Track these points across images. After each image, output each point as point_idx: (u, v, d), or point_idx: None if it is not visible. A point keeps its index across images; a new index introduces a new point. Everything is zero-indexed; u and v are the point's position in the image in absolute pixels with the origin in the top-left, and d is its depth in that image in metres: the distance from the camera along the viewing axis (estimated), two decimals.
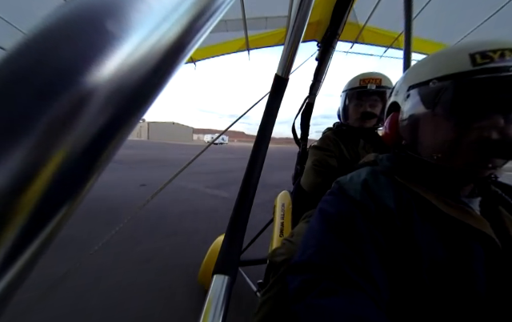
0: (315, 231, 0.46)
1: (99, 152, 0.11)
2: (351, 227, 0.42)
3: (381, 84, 0.92)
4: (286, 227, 1.03)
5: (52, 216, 0.10)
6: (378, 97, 0.94)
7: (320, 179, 0.93)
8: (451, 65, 0.39)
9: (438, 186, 0.44)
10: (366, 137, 0.99)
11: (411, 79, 0.47)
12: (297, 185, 1.14)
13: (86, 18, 0.10)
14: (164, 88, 0.13)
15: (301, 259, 0.43)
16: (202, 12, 0.13)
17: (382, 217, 0.42)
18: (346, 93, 1.01)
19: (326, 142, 1.03)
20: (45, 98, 0.09)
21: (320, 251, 0.42)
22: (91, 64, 0.09)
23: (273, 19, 1.97)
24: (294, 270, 0.44)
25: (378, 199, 0.44)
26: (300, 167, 1.28)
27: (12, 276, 0.09)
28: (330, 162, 0.96)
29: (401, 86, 0.51)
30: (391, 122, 0.53)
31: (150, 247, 2.16)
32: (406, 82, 0.49)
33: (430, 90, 0.42)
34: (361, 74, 0.98)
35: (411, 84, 0.47)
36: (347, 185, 0.49)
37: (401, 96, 0.50)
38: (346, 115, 1.03)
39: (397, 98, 0.52)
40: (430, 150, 0.44)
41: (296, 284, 0.40)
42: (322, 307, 0.35)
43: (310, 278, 0.39)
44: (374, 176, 0.49)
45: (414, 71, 0.48)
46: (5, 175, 0.08)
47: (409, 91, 0.47)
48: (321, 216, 0.47)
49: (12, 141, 0.08)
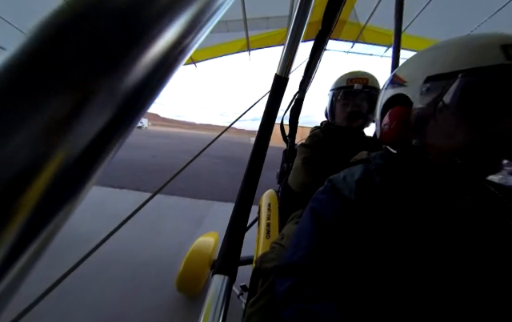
0: (307, 231, 0.44)
1: (99, 152, 0.11)
2: (345, 228, 0.41)
3: (367, 84, 0.91)
4: (273, 229, 0.99)
5: (52, 216, 0.10)
6: (365, 96, 0.93)
7: (311, 178, 0.91)
8: (480, 57, 0.34)
9: (441, 187, 0.42)
10: (354, 136, 0.97)
11: (429, 68, 0.40)
12: (284, 184, 1.10)
13: (85, 18, 0.10)
14: (164, 88, 0.13)
15: (291, 261, 0.42)
16: (202, 12, 0.13)
17: (376, 217, 0.41)
18: (333, 92, 0.99)
19: (315, 140, 1.01)
20: (45, 98, 0.09)
21: (312, 253, 0.40)
22: (91, 64, 0.09)
23: (274, 19, 1.97)
24: (284, 272, 0.42)
25: (372, 198, 0.43)
26: (287, 165, 1.24)
27: (12, 276, 0.09)
28: (320, 160, 0.94)
29: (411, 76, 0.44)
30: (394, 118, 0.46)
31: None
32: (420, 71, 0.42)
33: (458, 84, 0.36)
34: (348, 73, 0.97)
35: (430, 74, 0.39)
36: (341, 184, 0.47)
37: (413, 88, 0.42)
38: (333, 114, 1.02)
39: (405, 91, 0.44)
40: (449, 154, 0.38)
41: (284, 288, 0.39)
42: (311, 312, 0.33)
43: (299, 281, 0.38)
44: (368, 175, 0.47)
45: (430, 60, 0.41)
46: (5, 174, 0.08)
47: (428, 83, 0.40)
48: (313, 216, 0.45)
49: (12, 141, 0.08)
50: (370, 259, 0.39)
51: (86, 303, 1.39)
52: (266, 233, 0.97)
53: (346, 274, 0.38)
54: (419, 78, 0.41)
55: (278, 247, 0.71)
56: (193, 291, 1.41)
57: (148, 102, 0.12)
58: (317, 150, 0.97)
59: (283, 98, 0.59)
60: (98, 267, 1.61)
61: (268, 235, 0.96)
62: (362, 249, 0.39)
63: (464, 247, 0.38)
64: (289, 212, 0.98)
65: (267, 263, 0.63)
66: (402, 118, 0.44)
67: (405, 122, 0.44)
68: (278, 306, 0.38)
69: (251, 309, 0.56)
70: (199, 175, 5.08)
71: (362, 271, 0.39)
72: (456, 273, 0.36)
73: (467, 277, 0.36)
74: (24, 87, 0.08)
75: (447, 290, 0.36)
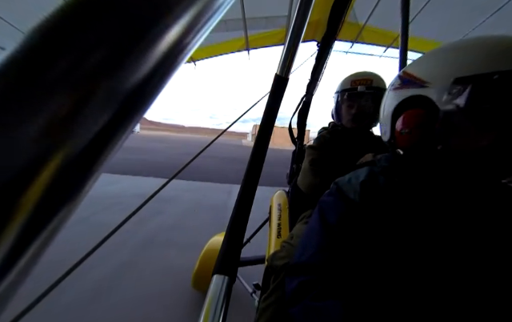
0: (315, 231, 0.45)
1: (99, 152, 0.11)
2: (350, 230, 0.41)
3: (372, 84, 0.92)
4: (284, 229, 1.02)
5: (52, 216, 0.10)
6: (370, 97, 0.94)
7: (318, 179, 0.92)
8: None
9: (457, 191, 0.41)
10: (361, 137, 0.99)
11: (457, 69, 0.37)
12: (293, 185, 1.13)
13: (85, 17, 0.09)
14: (164, 88, 0.13)
15: (300, 260, 0.43)
16: (202, 12, 0.13)
17: (381, 219, 0.41)
18: (338, 94, 1.01)
19: (321, 141, 1.03)
20: (45, 98, 0.08)
21: (320, 252, 0.41)
22: (91, 64, 0.09)
23: (273, 19, 1.97)
24: (293, 271, 0.43)
25: (377, 200, 0.43)
26: (296, 167, 1.27)
27: (12, 276, 0.09)
28: (328, 162, 0.95)
29: (434, 77, 0.40)
30: (413, 122, 0.42)
31: None
32: (444, 71, 0.39)
33: (496, 87, 0.33)
34: (353, 75, 0.97)
35: (460, 75, 0.36)
36: (346, 186, 0.47)
37: (437, 89, 0.39)
38: (339, 116, 1.03)
39: (426, 92, 0.41)
40: (476, 157, 0.37)
41: (293, 286, 0.40)
42: (318, 310, 0.34)
43: (308, 279, 0.39)
44: (373, 177, 0.47)
45: (456, 60, 0.38)
46: (5, 174, 0.08)
47: (458, 85, 0.36)
48: (320, 218, 0.47)
49: (12, 140, 0.08)
50: (375, 259, 0.39)
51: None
52: (277, 233, 1.01)
53: (353, 273, 0.38)
54: (445, 79, 0.38)
55: (288, 246, 0.74)
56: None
57: (149, 102, 0.12)
58: (324, 152, 0.99)
59: (290, 101, 0.59)
60: None
61: (279, 235, 0.99)
62: (367, 250, 0.40)
63: (474, 250, 0.37)
64: (298, 212, 1.00)
65: (278, 260, 0.67)
66: (423, 122, 0.41)
67: (426, 126, 0.40)
68: (288, 302, 0.40)
69: (263, 304, 0.60)
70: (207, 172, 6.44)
71: (368, 270, 0.39)
72: (462, 273, 0.36)
73: (475, 280, 0.36)
74: (24, 87, 0.08)
75: (452, 288, 0.36)
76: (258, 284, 1.27)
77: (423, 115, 0.41)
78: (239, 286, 1.43)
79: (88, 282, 1.59)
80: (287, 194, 1.22)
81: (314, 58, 1.19)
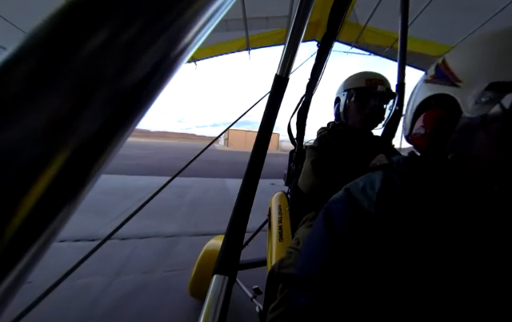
0: (320, 242, 0.41)
1: (100, 152, 0.11)
2: (363, 244, 0.37)
3: (385, 85, 0.90)
4: (286, 232, 0.99)
5: (52, 216, 0.10)
6: (384, 98, 0.93)
7: (320, 180, 0.91)
8: None
9: (468, 201, 0.36)
10: (362, 137, 0.97)
11: (495, 71, 0.30)
12: (294, 186, 1.10)
13: (86, 17, 0.09)
14: (165, 88, 0.13)
15: (304, 274, 0.40)
16: (203, 12, 0.13)
17: (400, 231, 0.36)
18: (350, 92, 0.96)
19: (322, 142, 1.01)
20: (45, 99, 0.08)
21: (328, 267, 0.37)
22: (91, 64, 0.09)
23: (273, 19, 1.97)
24: (298, 283, 0.40)
25: (396, 211, 0.37)
26: (296, 167, 1.25)
27: (12, 276, 0.09)
28: (329, 162, 0.94)
29: (467, 76, 0.34)
30: (433, 123, 0.38)
31: None
32: (479, 71, 0.32)
33: None
34: (363, 73, 0.95)
35: (499, 80, 0.30)
36: (359, 194, 0.41)
37: (467, 92, 0.33)
38: (346, 115, 1.00)
39: (454, 92, 0.35)
40: (491, 176, 0.33)
41: (301, 304, 0.37)
42: None
43: (316, 300, 0.36)
44: (391, 184, 0.41)
45: (494, 59, 0.31)
46: (6, 174, 0.08)
47: (492, 91, 0.30)
48: (327, 228, 0.41)
49: (13, 140, 0.08)
50: (394, 278, 0.34)
51: None
52: (279, 236, 0.97)
53: (367, 293, 0.34)
54: (479, 80, 0.32)
55: (295, 252, 0.71)
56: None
57: (149, 102, 0.12)
58: (325, 152, 0.97)
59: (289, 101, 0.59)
60: None
61: (281, 238, 0.96)
62: (384, 267, 0.35)
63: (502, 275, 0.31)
64: (300, 214, 0.98)
65: (286, 268, 0.63)
66: (442, 124, 0.36)
67: (443, 129, 0.36)
68: (297, 319, 0.37)
69: (272, 315, 0.56)
70: None
71: (385, 290, 0.35)
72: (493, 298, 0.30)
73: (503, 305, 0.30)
74: (24, 87, 0.08)
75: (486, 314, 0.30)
76: (258, 289, 1.22)
77: (442, 116, 0.36)
78: (237, 290, 1.37)
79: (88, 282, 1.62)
80: (286, 195, 1.20)
81: (314, 58, 1.19)
